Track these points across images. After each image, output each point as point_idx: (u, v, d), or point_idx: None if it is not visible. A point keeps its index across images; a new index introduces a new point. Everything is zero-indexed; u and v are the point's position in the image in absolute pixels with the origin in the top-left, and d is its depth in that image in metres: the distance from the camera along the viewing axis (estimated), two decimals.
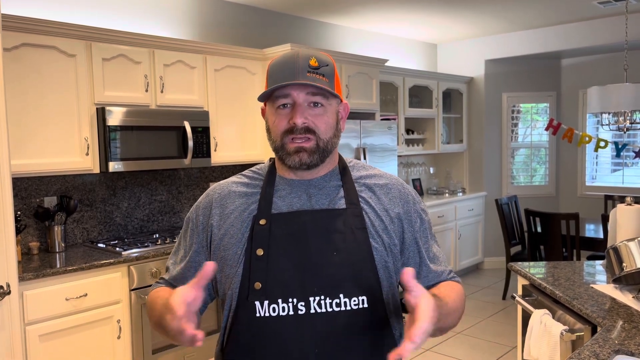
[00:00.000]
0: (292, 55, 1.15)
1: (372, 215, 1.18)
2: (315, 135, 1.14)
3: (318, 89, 1.13)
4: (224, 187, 1.25)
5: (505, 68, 6.16)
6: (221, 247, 1.18)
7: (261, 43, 4.35)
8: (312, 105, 1.14)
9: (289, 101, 1.14)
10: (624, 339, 1.58)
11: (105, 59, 3.10)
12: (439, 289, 1.18)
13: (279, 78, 1.13)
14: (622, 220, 2.28)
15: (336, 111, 1.19)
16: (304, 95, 1.13)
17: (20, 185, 3.09)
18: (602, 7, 4.77)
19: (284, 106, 1.14)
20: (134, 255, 2.95)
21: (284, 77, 1.12)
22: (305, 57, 1.14)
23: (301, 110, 1.13)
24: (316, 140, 1.14)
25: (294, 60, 1.14)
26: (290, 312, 1.09)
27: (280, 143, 1.15)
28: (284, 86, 1.12)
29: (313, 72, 1.13)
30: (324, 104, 1.15)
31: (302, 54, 1.15)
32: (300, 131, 1.12)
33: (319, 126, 1.14)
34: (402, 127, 5.30)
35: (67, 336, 2.70)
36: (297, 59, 1.14)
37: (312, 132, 1.14)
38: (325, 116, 1.16)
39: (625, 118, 4.06)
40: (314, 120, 1.14)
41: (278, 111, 1.15)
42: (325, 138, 1.16)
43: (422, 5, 4.57)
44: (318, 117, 1.15)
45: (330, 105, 1.17)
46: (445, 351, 3.84)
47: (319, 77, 1.13)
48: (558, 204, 6.33)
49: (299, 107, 1.13)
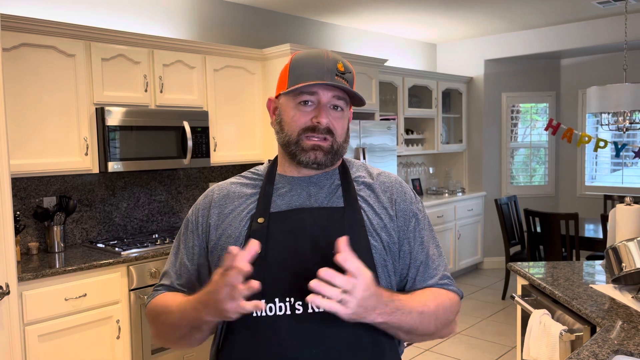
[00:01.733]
0: (321, 53, 1.17)
1: (371, 213, 1.18)
2: (333, 137, 1.16)
3: (344, 93, 1.15)
4: (222, 187, 1.25)
5: (504, 68, 6.16)
6: (218, 247, 1.18)
7: (260, 43, 4.35)
8: (332, 108, 1.16)
9: (314, 99, 1.15)
10: (623, 339, 1.57)
11: (104, 59, 3.10)
12: (415, 292, 1.15)
13: (306, 74, 1.13)
14: (621, 221, 2.28)
15: (347, 117, 1.22)
16: (329, 97, 1.15)
17: (20, 185, 3.09)
18: (601, 7, 4.77)
19: (305, 103, 1.15)
20: (133, 256, 2.95)
21: (312, 74, 1.13)
22: (333, 60, 1.15)
23: (326, 111, 1.15)
24: (332, 142, 1.16)
25: (323, 60, 1.15)
26: (288, 311, 1.08)
27: (297, 139, 1.16)
28: (316, 85, 1.13)
29: (340, 76, 1.15)
30: (343, 108, 1.18)
31: (331, 56, 1.16)
32: (322, 131, 1.14)
33: (337, 129, 1.17)
34: (401, 127, 5.30)
35: (66, 336, 2.70)
36: (326, 60, 1.15)
37: (331, 133, 1.15)
38: (342, 120, 1.18)
39: (625, 118, 4.06)
40: (334, 122, 1.16)
41: (299, 107, 1.16)
42: (340, 141, 1.18)
43: (421, 5, 4.57)
44: (338, 120, 1.17)
45: (347, 110, 1.20)
46: (444, 351, 3.84)
47: (344, 83, 1.15)
48: (557, 204, 6.33)
49: (324, 107, 1.14)
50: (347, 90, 1.14)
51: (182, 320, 1.10)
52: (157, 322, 1.19)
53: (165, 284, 1.24)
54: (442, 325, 1.16)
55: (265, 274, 1.09)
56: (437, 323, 1.14)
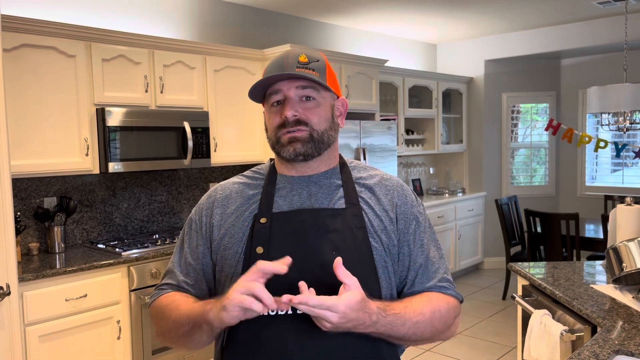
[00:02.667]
0: (283, 53, 1.18)
1: (372, 215, 1.18)
2: (308, 127, 1.15)
3: (306, 81, 1.14)
4: (225, 187, 1.26)
5: (505, 68, 6.16)
6: (221, 246, 1.18)
7: (261, 43, 4.35)
8: (304, 100, 1.16)
9: (281, 97, 1.16)
10: (623, 339, 1.58)
11: (104, 60, 3.10)
12: (412, 298, 1.15)
13: (268, 75, 1.15)
14: (621, 221, 2.28)
15: (331, 105, 1.20)
16: (294, 90, 1.15)
17: (20, 185, 3.09)
18: (601, 7, 4.77)
19: (277, 103, 1.17)
20: (133, 256, 2.95)
21: (272, 72, 1.15)
22: (294, 55, 1.16)
23: (291, 104, 1.14)
24: (309, 130, 1.15)
25: (284, 57, 1.16)
26: (289, 311, 1.09)
27: (275, 138, 1.17)
28: (272, 81, 1.14)
29: (302, 67, 1.14)
30: (316, 97, 1.16)
31: (292, 52, 1.17)
32: (291, 124, 1.14)
33: (311, 118, 1.16)
34: (401, 127, 5.30)
35: (67, 337, 2.70)
36: (286, 57, 1.16)
37: (304, 123, 1.15)
38: (318, 109, 1.17)
39: (625, 118, 4.06)
40: (305, 113, 1.15)
41: (272, 109, 1.18)
42: (319, 129, 1.17)
43: (421, 5, 4.57)
44: (310, 110, 1.16)
45: (323, 99, 1.18)
46: (445, 351, 3.84)
47: (309, 72, 1.14)
48: (558, 204, 6.33)
49: (290, 100, 1.15)
50: (301, 76, 1.12)
51: (188, 318, 1.10)
52: (162, 319, 1.19)
53: (170, 282, 1.24)
54: (438, 331, 1.16)
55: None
56: (432, 330, 1.14)
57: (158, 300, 1.22)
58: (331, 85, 1.18)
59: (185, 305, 1.13)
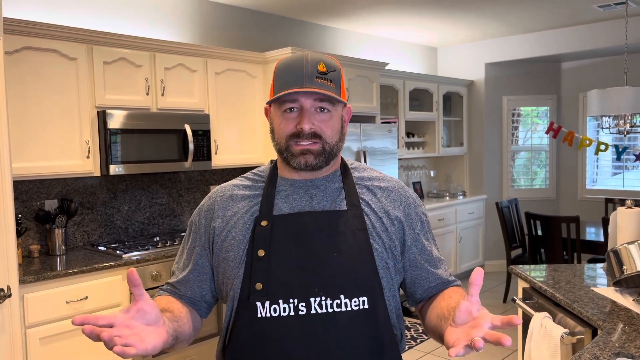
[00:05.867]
0: (301, 58, 1.16)
1: (373, 216, 1.19)
2: (321, 140, 1.15)
3: (326, 95, 1.14)
4: (226, 189, 1.26)
5: (505, 71, 6.17)
6: (223, 248, 1.19)
7: (262, 46, 4.36)
8: (318, 111, 1.15)
9: (296, 106, 1.15)
10: (624, 342, 1.57)
11: (106, 63, 3.10)
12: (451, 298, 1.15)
13: (287, 82, 1.13)
14: (622, 223, 2.28)
15: (341, 115, 1.21)
16: (311, 101, 1.14)
17: (21, 188, 3.09)
18: (602, 11, 4.78)
19: (290, 110, 1.15)
20: (134, 258, 2.95)
21: (292, 81, 1.13)
22: (313, 62, 1.14)
23: (309, 116, 1.14)
24: (322, 144, 1.16)
25: (303, 64, 1.14)
26: (291, 312, 1.09)
27: (285, 145, 1.16)
28: (295, 96, 1.13)
29: (321, 77, 1.14)
30: (330, 109, 1.16)
31: (311, 58, 1.15)
32: (306, 136, 1.14)
33: (325, 131, 1.16)
34: (402, 130, 5.31)
35: (67, 339, 2.70)
36: (305, 64, 1.14)
37: (318, 137, 1.15)
38: (331, 121, 1.17)
39: (626, 121, 4.06)
40: (320, 126, 1.15)
41: (284, 115, 1.16)
42: (331, 142, 1.17)
43: (422, 8, 4.59)
44: (324, 122, 1.16)
45: (336, 110, 1.18)
46: (445, 354, 3.83)
47: (327, 83, 1.14)
48: (558, 207, 6.32)
49: (307, 112, 1.14)
50: (323, 93, 1.12)
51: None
52: None
53: (170, 282, 1.27)
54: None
55: (269, 276, 1.11)
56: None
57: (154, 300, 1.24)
58: (342, 95, 1.19)
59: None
